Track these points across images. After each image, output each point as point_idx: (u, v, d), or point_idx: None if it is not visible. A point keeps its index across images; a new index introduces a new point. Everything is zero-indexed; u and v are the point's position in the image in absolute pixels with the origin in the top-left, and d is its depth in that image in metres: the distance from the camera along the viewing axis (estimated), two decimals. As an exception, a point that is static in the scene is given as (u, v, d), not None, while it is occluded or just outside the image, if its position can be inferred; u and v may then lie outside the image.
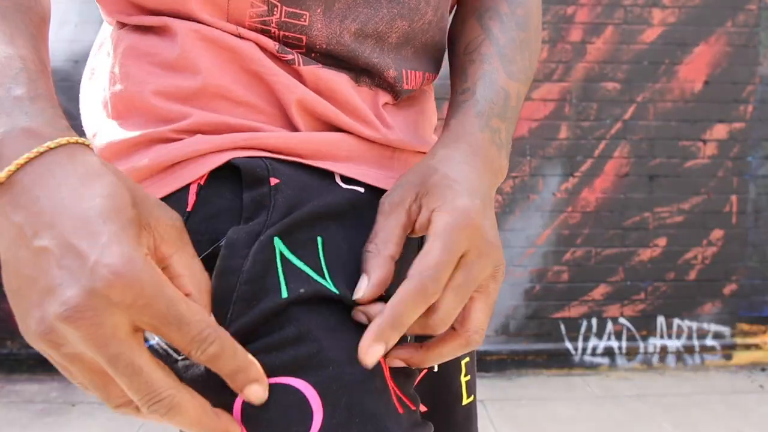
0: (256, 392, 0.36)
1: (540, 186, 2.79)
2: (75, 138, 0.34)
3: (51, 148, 0.33)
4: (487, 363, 2.78)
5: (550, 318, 2.83)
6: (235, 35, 0.46)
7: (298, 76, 0.47)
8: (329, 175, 0.46)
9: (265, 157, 0.44)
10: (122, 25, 0.50)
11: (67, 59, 2.67)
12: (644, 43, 2.77)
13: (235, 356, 0.35)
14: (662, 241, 2.84)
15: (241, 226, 0.41)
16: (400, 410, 0.42)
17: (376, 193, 0.48)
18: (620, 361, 2.86)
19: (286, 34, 0.46)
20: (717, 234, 2.86)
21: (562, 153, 2.79)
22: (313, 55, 0.48)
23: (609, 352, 2.86)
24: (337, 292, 0.41)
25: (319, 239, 0.42)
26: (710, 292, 2.87)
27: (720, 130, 2.83)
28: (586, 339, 2.85)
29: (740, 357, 2.90)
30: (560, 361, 2.84)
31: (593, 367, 2.85)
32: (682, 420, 2.32)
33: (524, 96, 0.54)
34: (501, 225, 2.78)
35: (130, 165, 0.44)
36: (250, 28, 0.46)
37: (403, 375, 0.45)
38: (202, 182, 0.43)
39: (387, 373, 0.43)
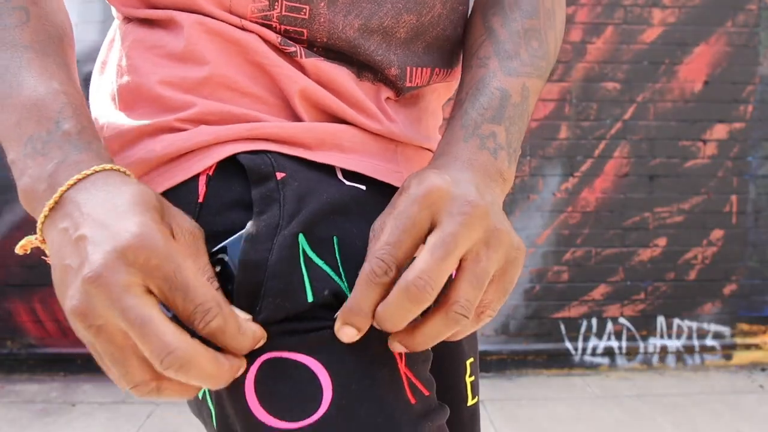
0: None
1: (540, 186, 2.79)
2: (117, 167, 0.39)
3: (96, 171, 0.38)
4: (487, 363, 2.78)
5: (550, 318, 2.83)
6: (239, 27, 0.46)
7: (301, 68, 0.47)
8: (331, 170, 0.46)
9: (269, 152, 0.44)
10: (128, 19, 0.51)
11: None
12: (644, 43, 2.77)
13: (238, 332, 0.37)
14: (662, 241, 2.84)
15: (257, 219, 0.41)
16: (412, 400, 0.42)
17: (378, 188, 0.48)
18: (620, 361, 2.86)
19: (287, 28, 0.47)
20: (717, 234, 2.86)
21: (562, 153, 2.79)
22: (315, 49, 0.48)
23: (609, 352, 2.86)
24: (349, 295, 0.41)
25: (335, 238, 0.43)
26: (710, 292, 2.87)
27: (720, 130, 2.83)
28: (586, 339, 2.85)
29: (740, 357, 2.90)
30: (560, 361, 2.84)
31: (593, 367, 2.85)
32: (682, 420, 2.32)
33: (538, 87, 0.52)
34: (501, 225, 2.78)
35: (137, 156, 0.45)
36: (253, 22, 0.47)
37: (420, 360, 0.45)
38: (210, 173, 0.44)
39: (400, 360, 0.43)
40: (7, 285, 2.68)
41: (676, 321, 2.87)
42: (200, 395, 0.45)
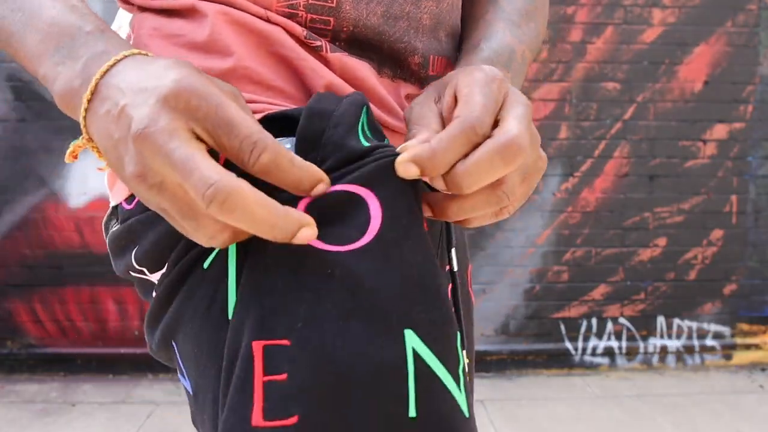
0: (319, 191, 0.37)
1: (540, 186, 2.79)
2: (145, 52, 0.39)
3: (125, 56, 0.38)
4: (487, 363, 2.78)
5: (550, 318, 2.83)
6: (264, 19, 0.46)
7: (326, 63, 0.47)
8: None
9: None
10: (143, 9, 0.50)
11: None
12: (644, 43, 2.77)
13: (292, 165, 0.35)
14: (662, 241, 2.84)
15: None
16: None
17: None
18: (620, 361, 2.86)
19: (314, 16, 0.47)
20: (717, 234, 2.86)
21: (562, 153, 2.79)
22: (338, 43, 0.48)
23: (609, 352, 2.86)
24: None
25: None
26: (710, 292, 2.87)
27: (720, 130, 2.83)
28: (586, 339, 2.85)
29: (740, 357, 2.90)
30: (560, 361, 2.84)
31: (593, 367, 2.85)
32: (682, 420, 2.32)
33: (530, 61, 0.55)
34: (501, 225, 2.79)
35: None
36: (278, 13, 0.46)
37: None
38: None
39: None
40: (7, 285, 2.68)
41: (676, 321, 2.87)
42: None
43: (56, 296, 2.69)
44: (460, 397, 0.39)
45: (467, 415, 0.40)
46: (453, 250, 0.53)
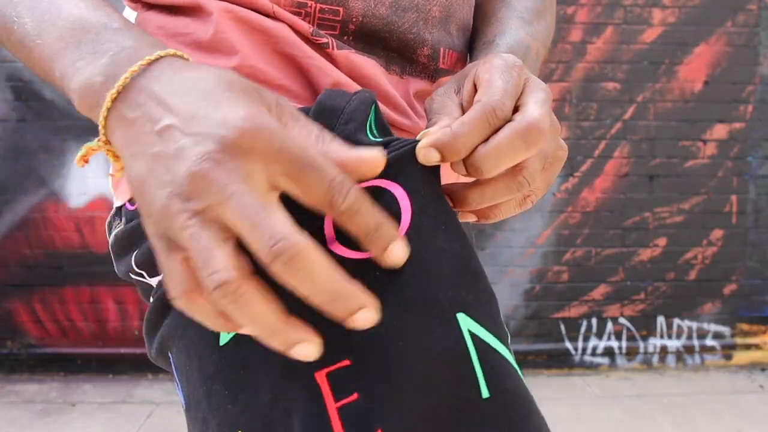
0: (397, 251, 0.33)
1: (540, 186, 2.79)
2: (182, 53, 0.35)
3: (161, 57, 0.34)
4: (487, 363, 2.78)
5: (550, 318, 2.83)
6: (270, 15, 0.45)
7: (332, 61, 0.46)
8: None
9: None
10: (148, 6, 0.50)
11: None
12: (644, 43, 2.77)
13: (372, 209, 0.32)
14: (662, 241, 2.84)
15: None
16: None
17: None
18: (620, 361, 2.86)
19: (323, 6, 0.46)
20: (717, 234, 2.86)
21: (562, 153, 2.79)
22: (345, 38, 0.47)
23: (609, 352, 2.86)
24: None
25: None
26: (710, 292, 2.87)
27: (720, 130, 2.83)
28: (586, 339, 2.85)
29: (740, 357, 2.90)
30: (560, 361, 2.84)
31: (593, 367, 2.85)
32: (682, 420, 2.32)
33: (543, 58, 0.55)
34: (501, 225, 2.78)
35: None
36: (288, 4, 0.46)
37: None
38: None
39: None
40: (7, 285, 2.68)
41: (676, 321, 2.87)
42: None
43: (56, 296, 2.69)
44: (519, 370, 0.40)
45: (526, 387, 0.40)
46: None
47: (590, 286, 2.83)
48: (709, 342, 2.88)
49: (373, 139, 0.40)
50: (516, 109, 0.39)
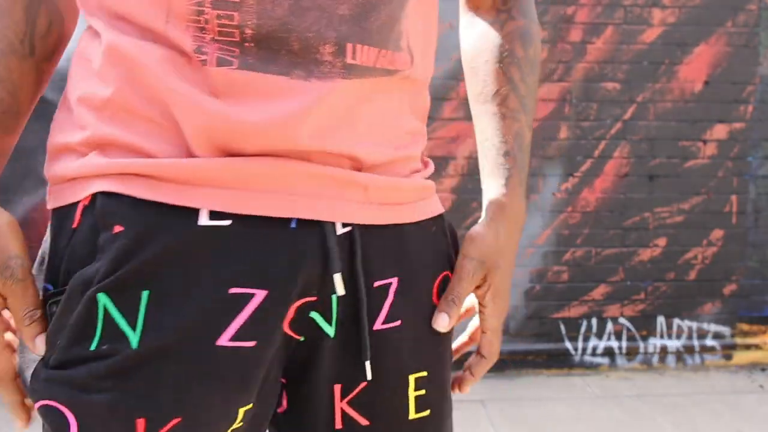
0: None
1: (540, 186, 2.79)
2: None
3: None
4: (487, 363, 2.78)
5: (550, 318, 2.83)
6: (160, 33, 0.45)
7: (209, 80, 0.45)
8: (193, 212, 0.45)
9: (129, 196, 0.45)
10: (87, 26, 0.52)
11: (67, 58, 2.67)
12: (644, 43, 2.77)
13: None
14: (662, 241, 2.84)
15: (84, 270, 0.45)
16: None
17: (253, 220, 0.47)
18: (620, 361, 2.86)
19: (220, 12, 0.44)
20: (717, 234, 2.86)
21: (562, 153, 2.79)
22: (247, 44, 0.45)
23: (609, 352, 2.86)
24: (134, 348, 0.44)
25: (144, 293, 0.45)
26: (710, 292, 2.87)
27: (720, 130, 2.83)
28: (586, 339, 2.85)
29: (740, 357, 2.90)
30: (560, 361, 2.84)
31: (593, 367, 2.85)
32: (682, 420, 2.32)
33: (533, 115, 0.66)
34: (501, 225, 2.78)
35: (52, 170, 0.49)
36: (184, 12, 0.45)
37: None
38: (86, 203, 0.46)
39: None
40: (7, 285, 2.67)
41: (676, 321, 2.87)
42: None
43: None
44: None
45: None
46: (337, 275, 0.50)
47: (590, 286, 2.83)
48: (709, 342, 2.88)
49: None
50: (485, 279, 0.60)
